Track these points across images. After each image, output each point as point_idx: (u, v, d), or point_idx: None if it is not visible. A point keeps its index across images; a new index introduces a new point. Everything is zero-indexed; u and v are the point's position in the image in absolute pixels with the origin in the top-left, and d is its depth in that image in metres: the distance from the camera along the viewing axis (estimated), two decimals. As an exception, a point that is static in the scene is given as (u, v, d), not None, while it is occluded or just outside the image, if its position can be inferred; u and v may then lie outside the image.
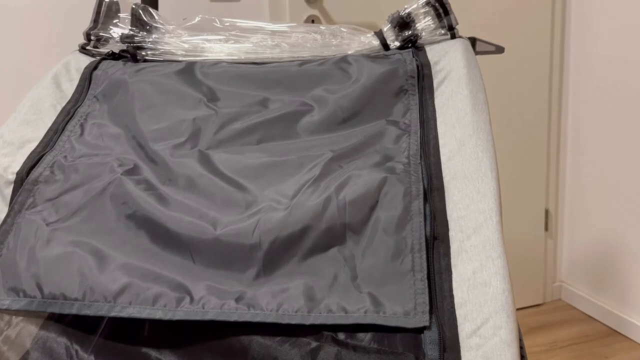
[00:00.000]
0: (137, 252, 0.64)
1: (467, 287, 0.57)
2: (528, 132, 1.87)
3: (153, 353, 0.58)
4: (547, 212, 1.97)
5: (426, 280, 0.58)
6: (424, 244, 0.61)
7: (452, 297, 0.57)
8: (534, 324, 1.85)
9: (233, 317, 0.57)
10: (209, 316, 0.57)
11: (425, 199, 0.65)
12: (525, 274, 1.93)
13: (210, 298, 0.59)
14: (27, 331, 0.58)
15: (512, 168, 1.85)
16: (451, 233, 0.62)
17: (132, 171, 0.71)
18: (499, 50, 0.94)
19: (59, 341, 0.58)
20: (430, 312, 0.56)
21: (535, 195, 1.94)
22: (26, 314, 0.60)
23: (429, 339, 0.54)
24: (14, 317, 0.59)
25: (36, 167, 0.72)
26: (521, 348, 0.54)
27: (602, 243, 1.84)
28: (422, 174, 0.67)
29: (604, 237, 1.83)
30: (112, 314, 0.58)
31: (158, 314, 0.58)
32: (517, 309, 0.56)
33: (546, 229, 1.98)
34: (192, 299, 0.59)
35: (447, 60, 0.81)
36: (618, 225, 1.77)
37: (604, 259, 1.84)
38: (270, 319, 0.57)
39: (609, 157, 1.77)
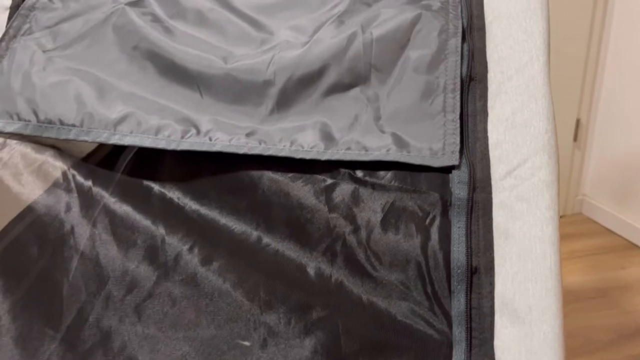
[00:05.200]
0: (140, 83, 0.59)
1: (505, 127, 0.50)
2: (568, 36, 1.73)
3: (155, 186, 0.54)
4: (578, 122, 1.87)
5: (458, 121, 0.52)
6: (458, 84, 0.54)
7: (486, 138, 0.51)
8: (551, 235, 1.81)
9: (242, 150, 0.52)
10: (216, 147, 0.53)
11: (464, 39, 0.57)
12: (548, 185, 1.87)
13: (218, 132, 0.54)
14: (19, 152, 0.54)
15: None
16: (490, 74, 0.55)
17: (137, 3, 0.64)
18: None
19: (56, 165, 0.54)
20: (461, 152, 0.50)
21: (567, 103, 1.83)
22: (21, 137, 0.56)
23: (458, 178, 0.49)
24: (7, 140, 0.55)
25: None
26: None
27: (631, 157, 1.75)
28: (462, 13, 0.59)
29: (634, 151, 1.74)
30: (112, 141, 0.54)
31: (161, 143, 0.53)
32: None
33: (575, 139, 1.89)
34: (198, 132, 0.54)
35: None
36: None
37: (630, 173, 1.76)
38: (283, 153, 0.52)
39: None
